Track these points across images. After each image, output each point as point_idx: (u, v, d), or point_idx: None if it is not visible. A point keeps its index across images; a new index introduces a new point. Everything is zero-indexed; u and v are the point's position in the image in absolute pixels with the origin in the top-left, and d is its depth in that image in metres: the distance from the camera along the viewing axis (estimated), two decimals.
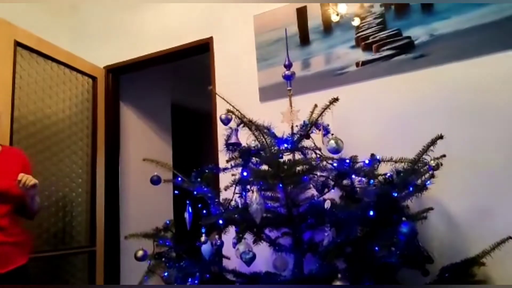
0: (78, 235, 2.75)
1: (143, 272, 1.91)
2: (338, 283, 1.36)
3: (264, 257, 1.91)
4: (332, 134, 1.71)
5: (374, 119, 2.21)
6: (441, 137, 1.45)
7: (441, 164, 1.52)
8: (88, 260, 2.79)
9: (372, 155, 1.85)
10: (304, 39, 2.45)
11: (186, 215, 1.96)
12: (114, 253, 3.00)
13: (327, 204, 1.56)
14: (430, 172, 1.56)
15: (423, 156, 1.47)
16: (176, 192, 2.06)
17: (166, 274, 1.91)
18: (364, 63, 2.27)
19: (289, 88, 2.00)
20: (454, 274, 1.68)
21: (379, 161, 1.79)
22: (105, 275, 2.85)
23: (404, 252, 1.44)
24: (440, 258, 1.78)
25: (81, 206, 2.80)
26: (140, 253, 1.89)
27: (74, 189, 2.76)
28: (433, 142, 1.45)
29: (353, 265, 1.55)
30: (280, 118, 1.88)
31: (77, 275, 2.70)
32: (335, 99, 1.63)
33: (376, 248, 1.44)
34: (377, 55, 2.25)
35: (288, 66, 1.98)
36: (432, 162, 1.48)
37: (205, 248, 1.75)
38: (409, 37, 2.18)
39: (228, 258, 2.11)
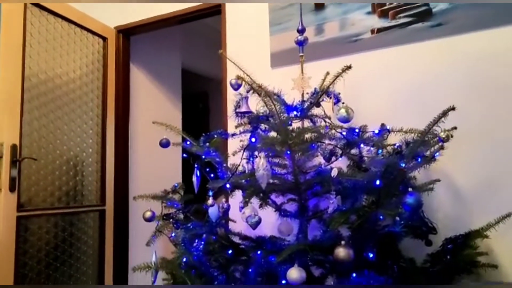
0: (89, 194, 2.82)
1: (151, 232, 1.96)
2: (341, 249, 1.38)
3: (269, 221, 1.94)
4: (343, 103, 1.70)
5: (387, 89, 2.17)
6: (453, 108, 1.42)
7: (452, 136, 1.50)
8: (99, 218, 2.86)
9: (382, 125, 1.83)
10: (319, 3, 2.39)
11: (194, 178, 1.99)
12: (123, 213, 3.07)
13: (334, 172, 1.56)
14: (440, 144, 1.55)
15: (434, 128, 1.45)
16: (184, 155, 2.07)
17: (173, 234, 1.95)
18: (380, 30, 2.21)
19: (301, 54, 1.97)
20: (457, 245, 1.70)
21: (389, 131, 1.78)
22: (114, 233, 2.93)
23: (408, 222, 1.45)
24: (444, 230, 1.80)
25: (91, 166, 2.85)
26: (148, 214, 1.93)
27: (85, 149, 2.80)
28: (444, 114, 1.42)
29: (357, 232, 1.57)
30: (291, 85, 1.86)
31: (89, 233, 2.79)
32: (348, 67, 1.60)
33: (381, 217, 1.45)
34: (393, 23, 2.18)
35: (301, 31, 1.94)
36: (442, 133, 1.46)
37: (212, 211, 1.78)
38: (427, 5, 2.11)
39: (234, 221, 2.15)
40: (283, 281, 1.54)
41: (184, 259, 1.74)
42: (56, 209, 2.54)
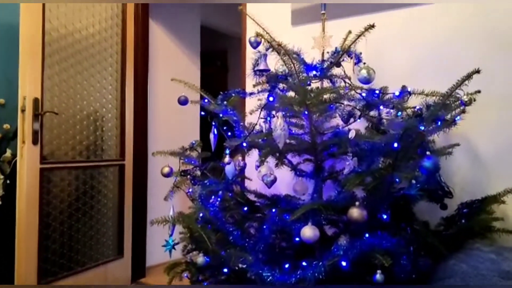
0: (109, 149, 2.88)
1: (169, 187, 2.01)
2: (355, 210, 1.40)
3: (285, 181, 1.97)
4: (364, 63, 1.66)
5: (410, 49, 2.10)
6: (477, 71, 1.37)
7: (474, 100, 1.46)
8: (118, 172, 2.94)
9: (403, 86, 1.79)
10: None
11: (211, 136, 2.00)
12: (142, 168, 3.14)
13: (352, 134, 1.55)
14: (462, 107, 1.52)
15: (457, 91, 1.41)
16: (202, 113, 2.08)
17: (190, 190, 2.00)
18: None
19: (323, 11, 1.91)
20: (473, 210, 1.70)
21: (410, 94, 1.74)
22: (133, 187, 3.02)
23: (424, 186, 1.45)
24: (460, 194, 1.80)
25: (111, 121, 2.89)
26: (166, 169, 1.97)
27: (104, 104, 2.83)
28: (468, 76, 1.37)
29: (371, 194, 1.57)
30: (311, 43, 1.82)
31: (109, 186, 2.87)
32: (371, 26, 1.55)
33: (397, 179, 1.45)
34: None
35: None
36: (465, 97, 1.43)
37: (229, 169, 1.80)
38: None
39: (250, 180, 2.18)
40: (297, 239, 1.57)
41: (201, 214, 1.79)
42: (77, 163, 2.62)
